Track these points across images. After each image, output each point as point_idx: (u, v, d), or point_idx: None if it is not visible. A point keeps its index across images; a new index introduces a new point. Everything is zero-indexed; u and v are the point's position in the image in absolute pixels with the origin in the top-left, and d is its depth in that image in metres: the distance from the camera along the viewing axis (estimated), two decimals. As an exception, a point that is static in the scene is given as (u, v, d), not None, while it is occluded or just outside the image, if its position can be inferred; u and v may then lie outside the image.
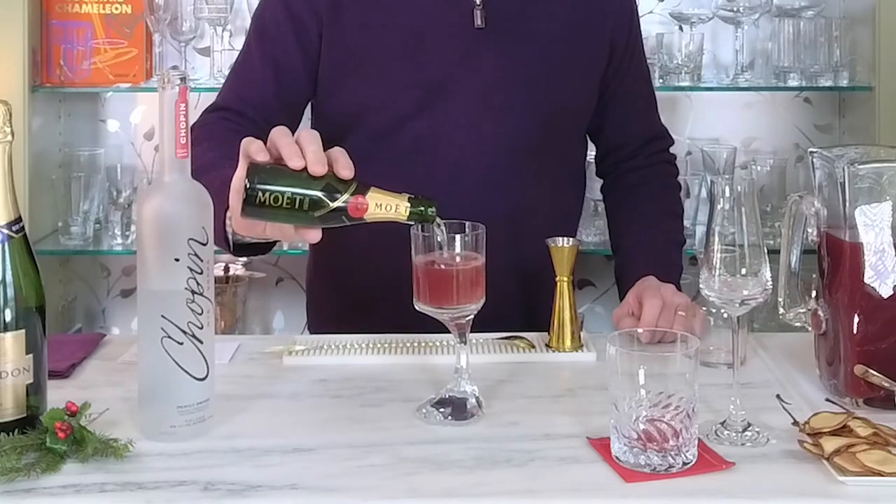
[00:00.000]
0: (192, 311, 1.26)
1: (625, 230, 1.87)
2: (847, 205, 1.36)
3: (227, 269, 2.99)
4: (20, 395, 1.24)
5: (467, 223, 1.37)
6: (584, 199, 1.96)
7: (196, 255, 1.26)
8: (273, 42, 1.77)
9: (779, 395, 1.37)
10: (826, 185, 1.41)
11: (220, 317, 2.88)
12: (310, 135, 1.32)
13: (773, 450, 1.25)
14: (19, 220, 1.26)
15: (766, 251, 1.29)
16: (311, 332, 1.94)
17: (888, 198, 1.36)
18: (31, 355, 1.25)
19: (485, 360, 1.55)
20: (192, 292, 1.26)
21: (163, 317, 1.25)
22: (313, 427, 1.32)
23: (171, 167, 1.27)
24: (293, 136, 1.32)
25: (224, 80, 1.88)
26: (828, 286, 1.41)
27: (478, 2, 1.73)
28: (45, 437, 1.20)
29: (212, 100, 3.19)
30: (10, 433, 1.21)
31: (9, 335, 1.23)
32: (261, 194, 1.28)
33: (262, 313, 3.13)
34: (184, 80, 1.26)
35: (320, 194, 1.29)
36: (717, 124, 3.09)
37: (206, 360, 1.28)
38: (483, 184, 1.74)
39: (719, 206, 1.29)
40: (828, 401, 1.38)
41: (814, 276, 1.45)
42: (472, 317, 1.36)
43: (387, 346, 1.61)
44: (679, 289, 1.69)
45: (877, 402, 1.35)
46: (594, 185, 2.09)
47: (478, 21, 1.73)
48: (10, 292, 1.24)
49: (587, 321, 2.96)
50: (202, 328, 1.27)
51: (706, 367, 1.46)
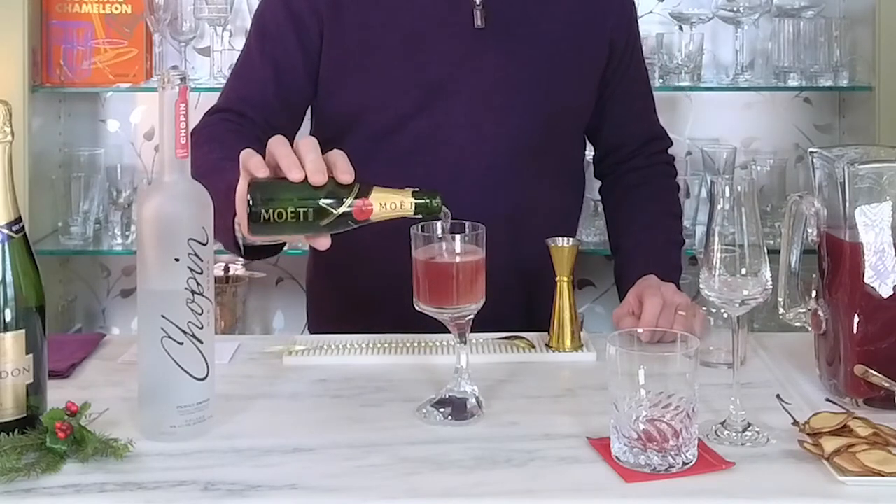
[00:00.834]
0: (192, 311, 1.26)
1: (624, 230, 1.87)
2: (847, 205, 1.36)
3: (227, 269, 2.99)
4: (20, 395, 1.24)
5: (467, 223, 1.37)
6: (583, 198, 1.96)
7: (196, 255, 1.26)
8: (273, 42, 1.77)
9: (779, 395, 1.37)
10: (826, 185, 1.41)
11: (220, 317, 2.88)
12: (308, 143, 1.31)
13: (773, 450, 1.25)
14: (19, 220, 1.26)
15: (766, 251, 1.29)
16: (311, 332, 1.95)
17: (888, 198, 1.36)
18: (31, 355, 1.25)
19: (485, 360, 1.55)
20: (192, 292, 1.26)
21: (163, 317, 1.25)
22: (313, 427, 1.32)
23: (171, 167, 1.27)
24: (292, 145, 1.32)
25: (225, 82, 1.87)
26: (828, 286, 1.41)
27: (478, 2, 1.73)
28: (45, 437, 1.20)
29: (212, 100, 3.20)
30: (10, 433, 1.21)
31: (9, 335, 1.23)
32: (264, 212, 1.28)
33: (262, 313, 3.13)
34: (184, 80, 1.26)
35: (324, 203, 1.29)
36: (717, 124, 3.09)
37: (206, 360, 1.28)
38: (483, 184, 1.74)
39: (719, 206, 1.29)
40: (828, 401, 1.38)
41: (814, 276, 1.45)
42: (472, 317, 1.36)
43: (387, 346, 1.61)
44: (679, 288, 1.69)
45: (877, 402, 1.35)
46: (594, 185, 2.09)
47: (478, 21, 1.73)
48: (10, 292, 1.24)
49: (587, 321, 2.96)
50: (202, 328, 1.27)
51: (706, 367, 1.46)
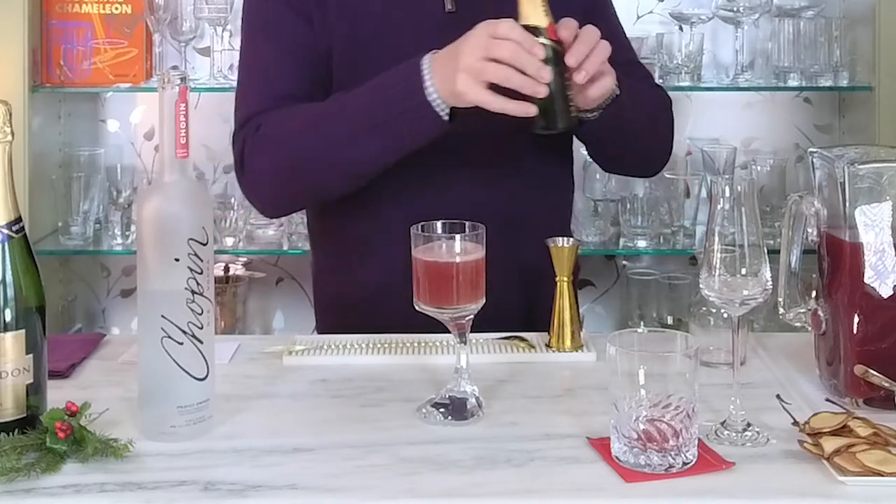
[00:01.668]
0: (192, 311, 1.26)
1: None
2: (847, 205, 1.36)
3: (227, 269, 3.00)
4: (20, 395, 1.24)
5: (467, 223, 1.37)
6: (573, 194, 1.94)
7: (196, 255, 1.26)
8: (280, 32, 1.73)
9: (779, 396, 1.37)
10: (826, 185, 1.41)
11: (220, 317, 2.88)
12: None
13: (773, 450, 1.25)
14: (19, 220, 1.26)
15: (766, 251, 1.29)
16: (319, 332, 1.94)
17: (888, 198, 1.36)
18: (31, 355, 1.25)
19: (485, 360, 1.55)
20: (192, 292, 1.26)
21: (163, 317, 1.25)
22: (313, 427, 1.32)
23: (171, 167, 1.27)
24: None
25: (241, 90, 1.77)
26: (828, 286, 1.41)
27: None
28: (45, 437, 1.20)
29: (212, 100, 3.19)
30: (10, 433, 1.21)
31: (9, 335, 1.23)
32: None
33: (262, 313, 3.13)
34: (184, 80, 1.26)
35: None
36: (717, 124, 3.09)
37: (206, 360, 1.28)
38: (472, 172, 1.73)
39: (719, 206, 1.29)
40: (828, 401, 1.38)
41: (814, 276, 1.45)
42: (471, 317, 1.36)
43: (387, 346, 1.61)
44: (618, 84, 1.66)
45: (877, 402, 1.35)
46: (594, 186, 2.10)
47: (448, 5, 1.73)
48: (10, 292, 1.24)
49: (587, 321, 2.96)
50: (202, 328, 1.27)
51: (706, 367, 1.46)
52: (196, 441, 1.27)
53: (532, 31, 1.53)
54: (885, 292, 1.35)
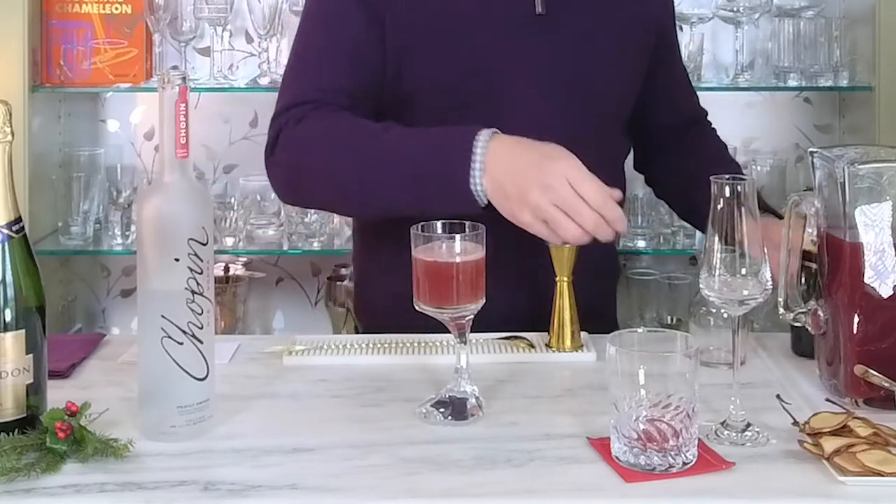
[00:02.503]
0: (192, 311, 1.26)
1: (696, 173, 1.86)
2: (847, 205, 1.36)
3: (227, 269, 3.00)
4: (20, 395, 1.24)
5: (467, 223, 1.37)
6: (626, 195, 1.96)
7: (196, 255, 1.26)
8: (342, 25, 1.71)
9: (779, 395, 1.37)
10: (826, 185, 1.41)
11: (220, 317, 2.88)
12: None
13: (773, 450, 1.25)
14: (19, 220, 1.26)
15: (766, 251, 1.29)
16: (361, 327, 1.91)
17: (888, 198, 1.36)
18: (31, 355, 1.25)
19: (485, 360, 1.55)
20: (192, 292, 1.26)
21: (163, 317, 1.25)
22: (313, 427, 1.32)
23: (171, 167, 1.27)
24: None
25: (288, 74, 1.77)
26: (828, 286, 1.41)
27: None
28: (45, 437, 1.20)
29: (212, 100, 3.19)
30: (10, 433, 1.21)
31: (9, 335, 1.23)
32: None
33: (262, 313, 3.13)
34: (184, 80, 1.26)
35: None
36: (717, 124, 3.04)
37: (206, 360, 1.28)
38: None
39: (719, 206, 1.29)
40: (828, 401, 1.38)
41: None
42: (472, 317, 1.36)
43: (387, 346, 1.61)
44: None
45: (877, 402, 1.35)
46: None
47: (538, 8, 1.72)
48: (10, 292, 1.24)
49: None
50: (202, 328, 1.27)
51: (706, 367, 1.46)
52: (196, 441, 1.27)
53: None
54: (885, 292, 1.35)
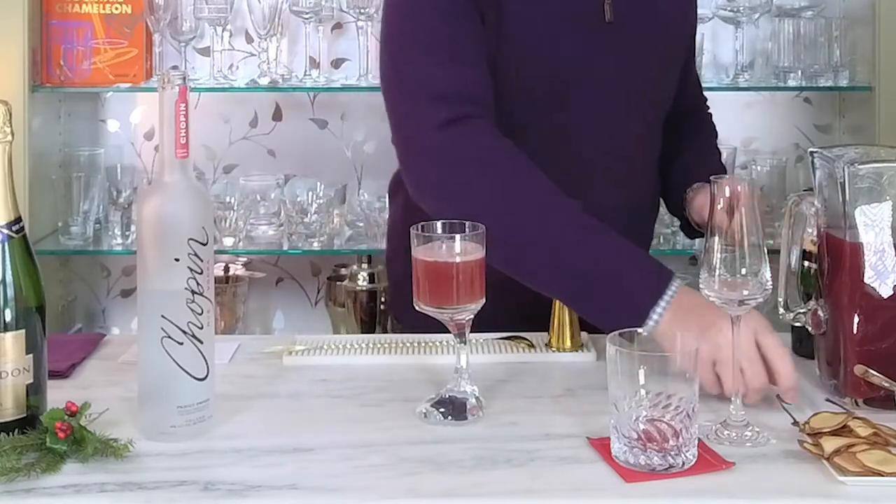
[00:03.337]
0: (192, 311, 1.26)
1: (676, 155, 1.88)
2: (847, 205, 1.36)
3: (227, 269, 3.00)
4: (20, 395, 1.24)
5: (467, 223, 1.37)
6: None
7: (196, 255, 1.26)
8: (460, 21, 1.65)
9: (779, 396, 1.37)
10: (826, 185, 1.41)
11: (220, 317, 2.88)
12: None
13: (773, 450, 1.25)
14: (19, 220, 1.26)
15: (766, 251, 1.29)
16: (396, 323, 1.89)
17: (888, 198, 1.36)
18: (31, 355, 1.25)
19: (485, 360, 1.55)
20: (192, 292, 1.26)
21: (163, 317, 1.25)
22: (313, 427, 1.33)
23: (171, 167, 1.27)
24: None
25: (419, 66, 1.64)
26: (828, 286, 1.41)
27: None
28: (45, 437, 1.20)
29: (212, 100, 3.18)
30: (10, 433, 1.21)
31: (9, 335, 1.24)
32: None
33: (262, 313, 3.13)
34: (184, 80, 1.26)
35: None
36: (717, 124, 3.07)
37: (206, 360, 1.28)
38: (607, 178, 1.73)
39: (719, 206, 1.29)
40: (828, 401, 1.38)
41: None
42: (472, 317, 1.36)
43: (387, 346, 1.61)
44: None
45: (877, 402, 1.35)
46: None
47: (607, 15, 1.72)
48: (10, 292, 1.24)
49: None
50: (202, 328, 1.27)
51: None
52: (196, 441, 1.27)
53: None
54: (885, 292, 1.35)
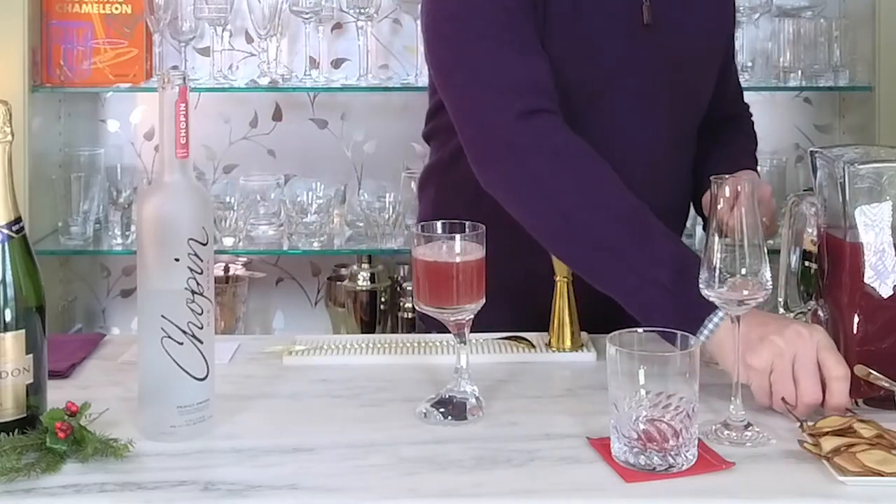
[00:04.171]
0: (192, 311, 1.26)
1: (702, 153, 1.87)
2: (847, 205, 1.36)
3: (227, 269, 3.00)
4: (20, 395, 1.24)
5: (467, 223, 1.37)
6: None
7: (196, 255, 1.26)
8: (521, 21, 1.65)
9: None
10: (826, 185, 1.41)
11: (220, 317, 2.88)
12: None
13: (774, 450, 1.25)
14: (19, 220, 1.26)
15: (766, 251, 1.29)
16: (421, 325, 1.87)
17: (888, 198, 1.36)
18: (31, 355, 1.25)
19: (485, 360, 1.55)
20: (192, 292, 1.26)
21: (163, 317, 1.25)
22: (313, 427, 1.33)
23: (171, 167, 1.27)
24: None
25: (492, 56, 1.63)
26: (828, 286, 1.40)
27: None
28: (45, 437, 1.20)
29: (212, 100, 3.18)
30: (10, 433, 1.21)
31: (9, 335, 1.23)
32: None
33: (262, 313, 3.13)
34: (184, 80, 1.26)
35: None
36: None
37: (206, 360, 1.28)
38: (642, 181, 1.69)
39: (719, 206, 1.29)
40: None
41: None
42: (472, 317, 1.36)
43: (387, 346, 1.61)
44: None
45: (877, 402, 1.35)
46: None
47: (646, 18, 1.72)
48: (10, 292, 1.24)
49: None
50: (202, 328, 1.27)
51: (706, 367, 1.46)
52: (196, 441, 1.27)
53: None
54: (885, 292, 1.35)
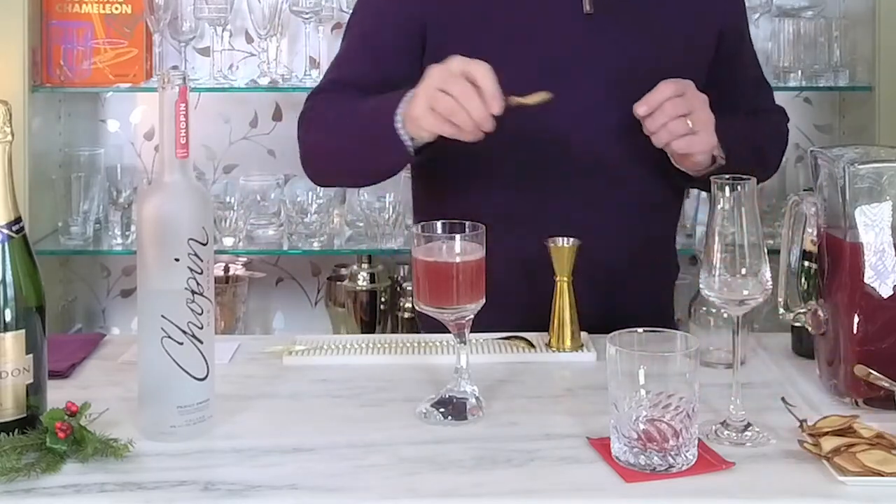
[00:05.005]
0: (192, 311, 1.26)
1: None
2: (847, 205, 1.36)
3: (227, 269, 2.99)
4: (20, 395, 1.24)
5: (467, 223, 1.37)
6: (683, 196, 1.95)
7: (196, 255, 1.26)
8: (374, 27, 1.78)
9: (784, 398, 1.37)
10: (826, 185, 1.41)
11: (220, 317, 2.88)
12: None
13: (774, 450, 1.25)
14: (19, 220, 1.26)
15: (766, 251, 1.29)
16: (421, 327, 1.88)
17: (888, 198, 1.36)
18: (31, 355, 1.25)
19: (485, 360, 1.55)
20: (192, 292, 1.26)
21: (163, 317, 1.25)
22: (313, 427, 1.33)
23: (171, 167, 1.27)
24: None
25: (330, 66, 1.90)
26: (828, 286, 1.41)
27: None
28: (45, 437, 1.20)
29: (212, 100, 3.20)
30: (10, 433, 1.22)
31: (9, 335, 1.24)
32: None
33: (262, 313, 3.13)
34: (184, 80, 1.26)
35: None
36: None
37: (206, 360, 1.28)
38: (592, 173, 1.73)
39: (719, 206, 1.29)
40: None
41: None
42: (472, 317, 1.36)
43: (387, 346, 1.61)
44: (720, 139, 1.66)
45: (877, 402, 1.35)
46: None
47: (586, 7, 1.71)
48: (10, 292, 1.24)
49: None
50: (202, 328, 1.27)
51: (706, 367, 1.46)
52: (196, 441, 1.27)
53: None
54: (885, 292, 1.35)
